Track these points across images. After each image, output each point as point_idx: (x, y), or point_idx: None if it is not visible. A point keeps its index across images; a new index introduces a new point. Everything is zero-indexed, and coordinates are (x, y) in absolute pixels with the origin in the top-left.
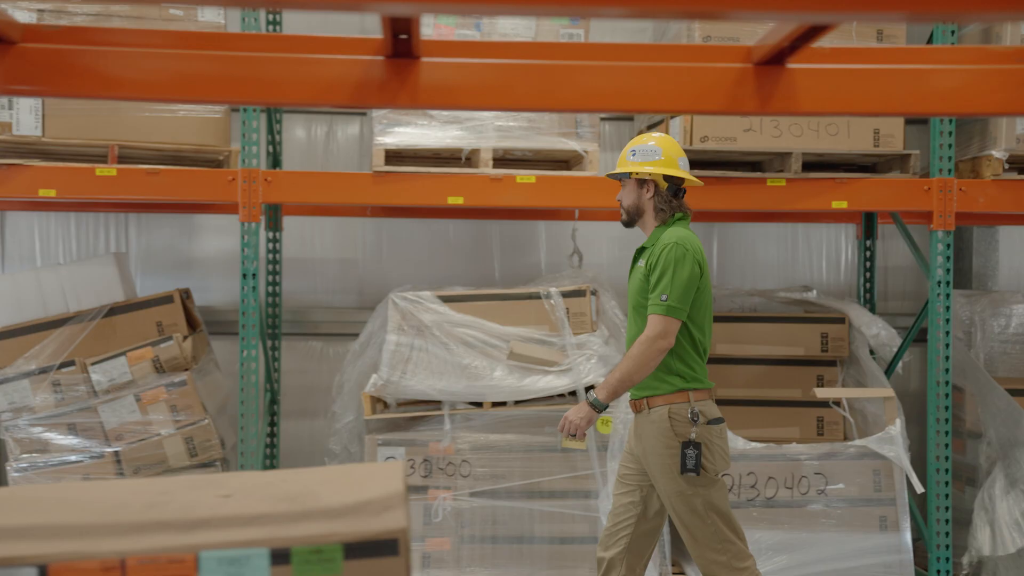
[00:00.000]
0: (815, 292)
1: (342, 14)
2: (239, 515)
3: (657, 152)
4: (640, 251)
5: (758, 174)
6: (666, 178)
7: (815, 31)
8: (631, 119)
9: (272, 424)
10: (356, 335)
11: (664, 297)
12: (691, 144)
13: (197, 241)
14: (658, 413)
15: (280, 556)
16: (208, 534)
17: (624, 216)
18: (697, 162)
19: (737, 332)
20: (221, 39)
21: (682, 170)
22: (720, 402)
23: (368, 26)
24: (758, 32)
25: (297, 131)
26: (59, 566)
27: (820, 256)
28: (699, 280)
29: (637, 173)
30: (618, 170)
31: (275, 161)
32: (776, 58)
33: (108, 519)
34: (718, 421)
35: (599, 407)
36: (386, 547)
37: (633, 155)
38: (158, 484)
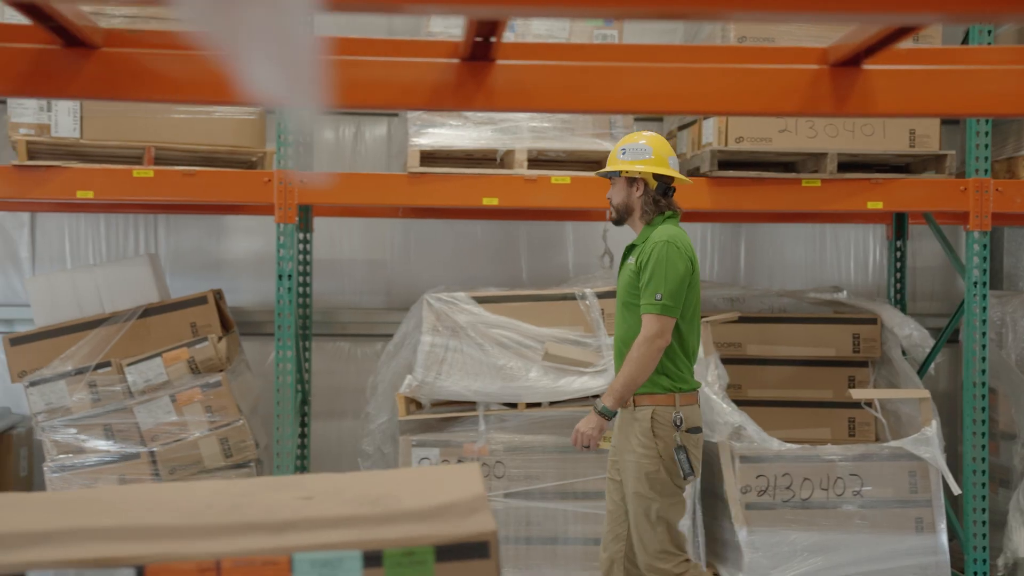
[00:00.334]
0: (845, 293)
1: (369, 16)
2: (325, 517)
3: (647, 151)
4: (630, 248)
5: (792, 175)
6: (656, 177)
7: (900, 33)
8: (660, 119)
9: (303, 425)
10: (384, 336)
11: (659, 296)
12: (726, 144)
13: (225, 242)
14: (643, 412)
15: (372, 558)
16: (299, 536)
17: (613, 214)
18: (731, 163)
19: (768, 333)
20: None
21: (672, 169)
22: (751, 402)
23: (396, 27)
24: (795, 33)
25: (325, 132)
26: (156, 567)
27: (848, 257)
28: (690, 277)
29: (627, 171)
30: (608, 168)
31: None
32: (853, 60)
33: (197, 520)
34: (697, 430)
35: (608, 415)
36: (477, 549)
37: (623, 153)
38: (237, 486)
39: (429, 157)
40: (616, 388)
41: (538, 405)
